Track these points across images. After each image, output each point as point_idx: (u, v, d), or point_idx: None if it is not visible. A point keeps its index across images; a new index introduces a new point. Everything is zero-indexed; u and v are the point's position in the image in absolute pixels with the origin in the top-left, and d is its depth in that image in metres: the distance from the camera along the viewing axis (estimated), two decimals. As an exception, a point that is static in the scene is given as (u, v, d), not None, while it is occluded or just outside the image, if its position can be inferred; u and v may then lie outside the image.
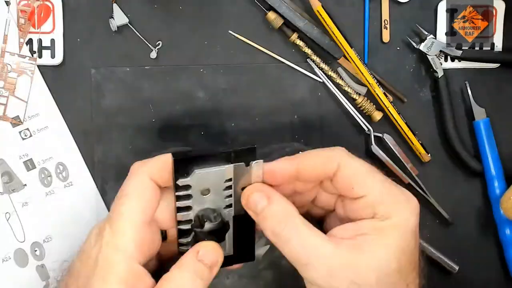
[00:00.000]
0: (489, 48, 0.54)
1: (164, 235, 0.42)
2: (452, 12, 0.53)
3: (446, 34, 0.53)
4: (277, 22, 0.51)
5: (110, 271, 0.37)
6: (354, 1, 0.53)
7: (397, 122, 0.52)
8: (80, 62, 0.52)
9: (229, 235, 0.42)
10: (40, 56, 0.51)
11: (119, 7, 0.51)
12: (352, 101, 0.53)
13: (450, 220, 0.54)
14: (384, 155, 0.52)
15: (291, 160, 0.40)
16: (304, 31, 0.51)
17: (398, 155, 0.53)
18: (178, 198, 0.40)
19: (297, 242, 0.37)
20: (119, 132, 0.52)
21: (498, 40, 0.54)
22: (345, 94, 0.53)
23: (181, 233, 0.42)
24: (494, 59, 0.54)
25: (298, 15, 0.51)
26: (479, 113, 0.53)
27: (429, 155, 0.53)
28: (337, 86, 0.53)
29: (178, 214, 0.41)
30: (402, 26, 0.53)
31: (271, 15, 0.51)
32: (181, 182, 0.39)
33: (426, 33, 0.52)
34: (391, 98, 0.53)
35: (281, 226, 0.38)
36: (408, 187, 0.53)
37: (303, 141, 0.53)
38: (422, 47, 0.52)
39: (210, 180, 0.40)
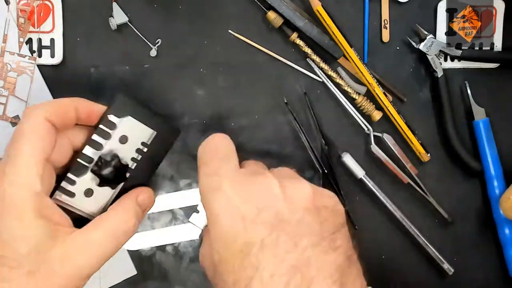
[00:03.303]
0: (488, 48, 0.54)
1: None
2: (451, 12, 0.53)
3: (445, 34, 0.53)
4: (277, 21, 0.51)
5: (24, 209, 0.37)
6: (354, 1, 0.53)
7: (397, 122, 0.52)
8: (79, 61, 0.52)
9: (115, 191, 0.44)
10: (39, 55, 0.51)
11: (119, 6, 0.51)
12: (352, 100, 0.53)
13: (450, 220, 0.54)
14: (384, 155, 0.52)
15: None
16: (304, 31, 0.51)
17: (398, 154, 0.53)
18: (99, 132, 0.42)
19: None
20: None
21: (497, 40, 0.54)
22: (345, 93, 0.53)
23: (76, 169, 0.42)
24: (493, 59, 0.54)
25: (298, 14, 0.51)
26: (479, 113, 0.53)
27: (429, 154, 0.53)
28: (337, 85, 0.53)
29: (87, 146, 0.42)
30: (402, 26, 0.53)
31: (271, 15, 0.51)
32: (112, 118, 0.43)
33: (426, 32, 0.52)
34: (390, 97, 0.53)
35: None
36: (408, 186, 0.53)
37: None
38: (422, 46, 0.52)
39: (133, 133, 0.43)
